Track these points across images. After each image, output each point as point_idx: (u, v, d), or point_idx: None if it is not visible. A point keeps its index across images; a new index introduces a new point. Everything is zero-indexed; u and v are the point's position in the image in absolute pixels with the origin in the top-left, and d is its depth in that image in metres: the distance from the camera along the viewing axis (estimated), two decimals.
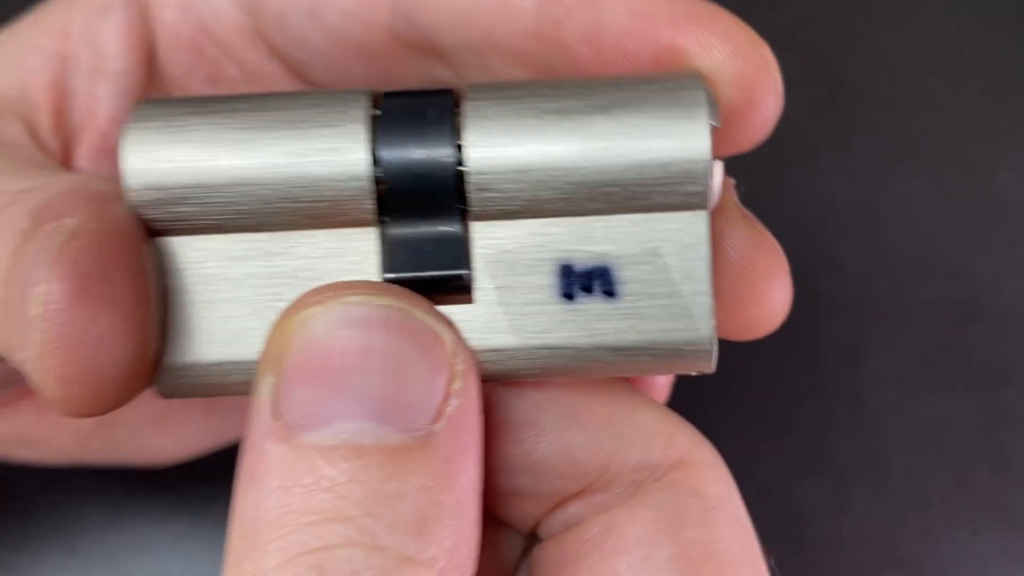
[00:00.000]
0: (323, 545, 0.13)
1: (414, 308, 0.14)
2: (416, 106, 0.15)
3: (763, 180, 0.37)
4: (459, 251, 0.15)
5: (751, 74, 0.16)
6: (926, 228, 0.37)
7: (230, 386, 0.15)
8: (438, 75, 0.18)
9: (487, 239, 0.15)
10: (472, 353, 0.15)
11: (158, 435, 0.25)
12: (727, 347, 0.34)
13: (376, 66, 0.18)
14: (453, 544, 0.13)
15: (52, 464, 0.28)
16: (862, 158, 0.38)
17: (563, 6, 0.16)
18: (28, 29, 0.19)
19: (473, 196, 0.15)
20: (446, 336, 0.14)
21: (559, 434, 0.16)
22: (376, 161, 0.14)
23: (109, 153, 0.19)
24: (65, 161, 0.19)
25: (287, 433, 0.13)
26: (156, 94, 0.19)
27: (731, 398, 0.35)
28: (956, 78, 0.39)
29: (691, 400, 0.32)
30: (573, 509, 0.16)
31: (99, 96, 0.19)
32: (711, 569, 0.15)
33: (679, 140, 0.14)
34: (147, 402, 0.22)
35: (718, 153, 0.15)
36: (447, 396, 0.14)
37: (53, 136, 0.19)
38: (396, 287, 0.14)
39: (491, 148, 0.14)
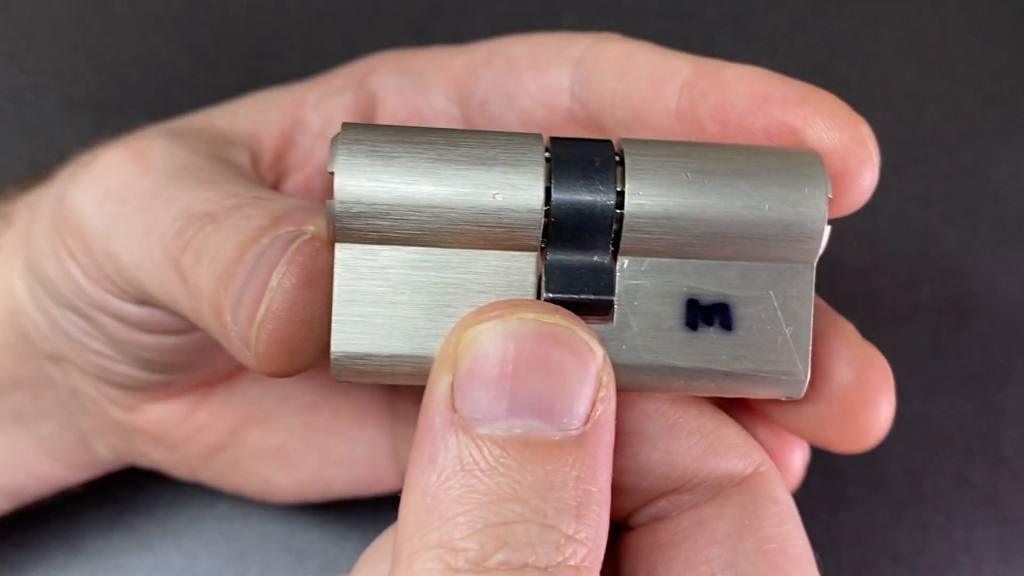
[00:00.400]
0: (503, 520, 0.15)
1: (575, 327, 0.16)
2: (584, 154, 0.17)
3: None
4: (609, 280, 0.18)
5: (849, 147, 0.19)
6: (923, 228, 0.37)
7: (397, 376, 0.18)
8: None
9: (630, 271, 0.18)
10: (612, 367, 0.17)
11: (274, 470, 0.27)
12: None
13: None
14: (598, 528, 0.16)
15: (170, 473, 0.29)
16: None
17: (699, 89, 0.20)
18: (276, 92, 0.24)
19: (625, 235, 0.17)
20: (598, 351, 0.17)
21: (662, 441, 0.18)
22: (548, 198, 0.17)
23: (310, 192, 0.24)
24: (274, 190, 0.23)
25: (465, 425, 0.16)
26: None
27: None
28: (952, 81, 0.39)
29: None
30: (664, 504, 0.19)
31: (315, 152, 0.24)
32: (785, 560, 0.18)
33: (802, 207, 0.18)
34: (267, 436, 0.26)
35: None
36: (595, 402, 0.16)
37: (270, 171, 0.24)
38: (560, 307, 0.17)
39: (647, 197, 0.17)
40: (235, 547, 0.33)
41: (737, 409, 0.23)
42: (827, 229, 0.18)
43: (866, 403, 0.21)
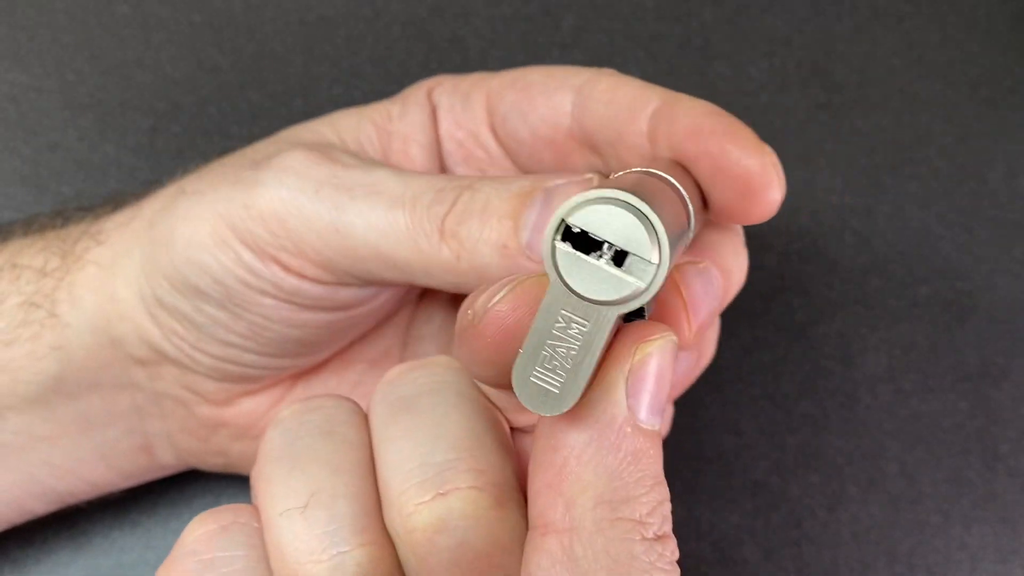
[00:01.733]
0: (663, 499, 0.20)
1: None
2: None
3: None
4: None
5: (756, 171, 0.24)
6: (919, 228, 0.37)
7: None
8: (592, 161, 0.28)
9: None
10: None
11: None
12: (723, 343, 0.35)
13: (557, 154, 0.28)
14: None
15: (237, 471, 0.31)
16: (857, 159, 0.38)
17: (660, 117, 0.25)
18: (364, 108, 0.29)
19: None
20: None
21: None
22: None
23: None
24: None
25: (636, 421, 0.20)
26: (436, 161, 0.29)
27: (727, 395, 0.35)
28: (949, 82, 0.39)
29: (688, 397, 0.33)
30: None
31: (408, 155, 0.29)
32: None
33: None
34: None
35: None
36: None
37: None
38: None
39: None
40: None
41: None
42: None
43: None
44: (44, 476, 0.29)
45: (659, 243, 0.20)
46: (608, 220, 0.20)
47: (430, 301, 0.31)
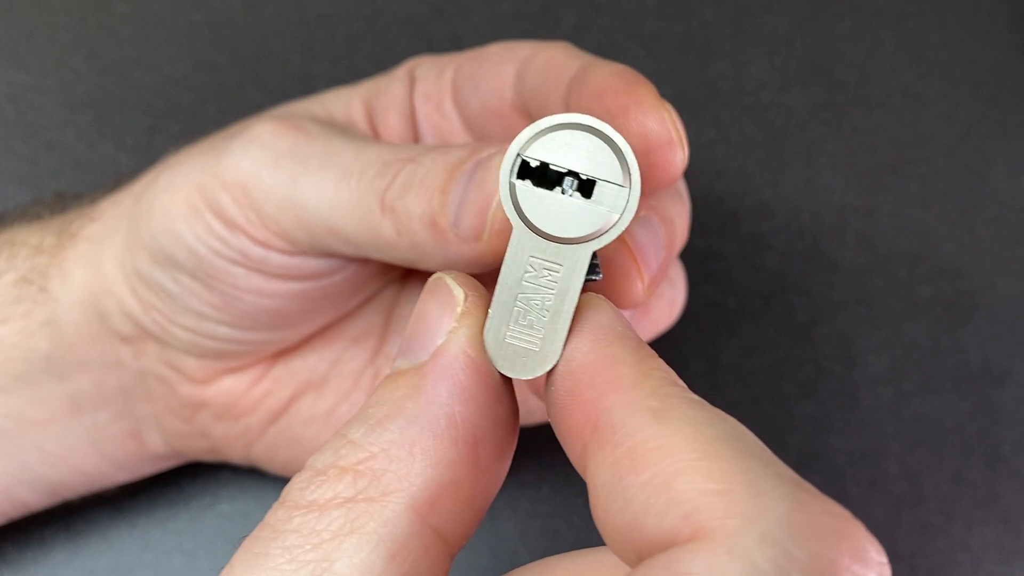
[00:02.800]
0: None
1: (446, 275, 0.20)
2: None
3: (762, 180, 0.38)
4: None
5: (656, 130, 0.23)
6: (921, 228, 0.37)
7: None
8: (520, 124, 0.28)
9: None
10: None
11: (321, 434, 0.30)
12: (724, 344, 0.35)
13: (503, 125, 0.28)
14: (392, 441, 0.19)
15: (223, 457, 0.31)
16: (859, 159, 0.38)
17: (576, 82, 0.25)
18: (351, 87, 0.30)
19: None
20: (458, 293, 0.20)
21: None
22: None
23: None
24: None
25: None
26: (412, 131, 0.30)
27: (728, 396, 0.35)
28: (950, 81, 0.39)
29: None
30: None
31: (391, 126, 0.29)
32: None
33: None
34: (319, 401, 0.30)
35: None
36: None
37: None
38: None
39: None
40: (235, 547, 0.33)
41: None
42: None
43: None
44: (35, 463, 0.29)
45: (627, 164, 0.18)
46: (568, 148, 0.18)
47: (416, 280, 0.31)
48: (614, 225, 0.18)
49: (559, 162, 0.18)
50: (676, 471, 0.15)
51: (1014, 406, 0.35)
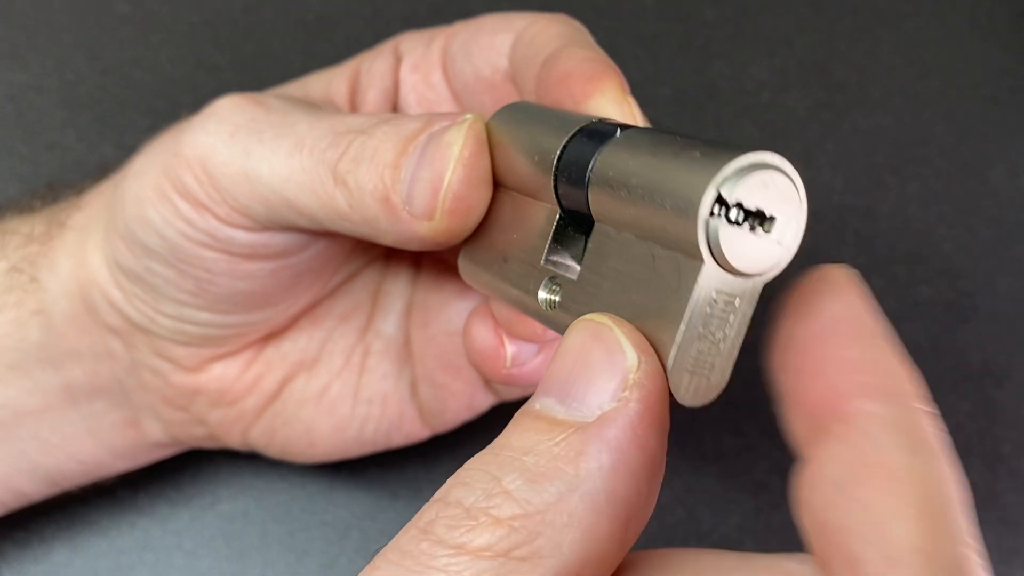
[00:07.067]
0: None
1: (616, 326, 0.20)
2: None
3: None
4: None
5: (617, 115, 0.23)
6: (921, 228, 0.37)
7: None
8: (514, 96, 0.28)
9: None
10: None
11: (316, 415, 0.30)
12: None
13: (495, 96, 0.27)
14: (552, 502, 0.18)
15: (221, 444, 0.31)
16: (858, 159, 0.38)
17: (549, 61, 0.25)
18: (335, 67, 0.30)
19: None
20: (631, 355, 0.20)
21: None
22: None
23: None
24: None
25: None
26: (390, 105, 0.30)
27: (728, 396, 0.35)
28: (950, 82, 0.39)
29: None
30: None
31: (374, 101, 0.29)
32: None
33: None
34: (312, 381, 0.30)
35: None
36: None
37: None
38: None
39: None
40: (235, 547, 0.33)
41: None
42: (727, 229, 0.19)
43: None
44: (33, 452, 0.29)
45: (801, 199, 0.19)
46: (765, 189, 0.18)
47: (400, 255, 0.31)
48: (785, 257, 0.19)
49: (759, 205, 0.18)
50: (897, 516, 0.16)
51: (1014, 406, 0.35)
